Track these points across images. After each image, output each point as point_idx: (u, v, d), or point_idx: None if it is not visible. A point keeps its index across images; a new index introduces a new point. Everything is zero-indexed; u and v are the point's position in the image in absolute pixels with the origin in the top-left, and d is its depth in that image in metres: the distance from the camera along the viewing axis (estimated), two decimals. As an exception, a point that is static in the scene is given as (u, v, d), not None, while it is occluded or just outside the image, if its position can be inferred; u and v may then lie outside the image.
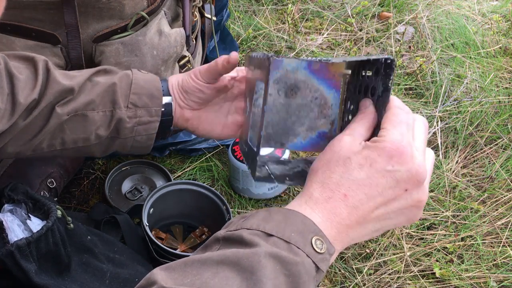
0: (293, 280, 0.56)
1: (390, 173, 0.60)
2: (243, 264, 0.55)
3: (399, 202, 0.61)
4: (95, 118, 0.83)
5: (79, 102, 0.82)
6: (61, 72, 0.85)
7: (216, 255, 0.56)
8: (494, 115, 1.49)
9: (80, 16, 0.98)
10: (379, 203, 0.61)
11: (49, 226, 0.81)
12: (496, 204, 1.28)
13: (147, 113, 0.85)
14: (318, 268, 0.58)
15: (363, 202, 0.61)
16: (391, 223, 0.63)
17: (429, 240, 1.21)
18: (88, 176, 1.30)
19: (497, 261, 1.17)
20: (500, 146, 1.42)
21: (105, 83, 0.84)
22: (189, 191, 1.17)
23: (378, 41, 1.73)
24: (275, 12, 1.83)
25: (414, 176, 0.60)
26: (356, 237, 0.62)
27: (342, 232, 0.61)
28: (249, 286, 0.54)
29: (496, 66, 1.63)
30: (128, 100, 0.84)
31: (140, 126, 0.85)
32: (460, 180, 1.34)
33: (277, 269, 0.55)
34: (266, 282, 0.54)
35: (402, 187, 0.61)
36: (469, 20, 1.80)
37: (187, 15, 1.16)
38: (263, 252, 0.56)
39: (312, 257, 0.57)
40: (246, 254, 0.56)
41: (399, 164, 0.60)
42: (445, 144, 1.43)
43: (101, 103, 0.83)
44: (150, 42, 1.05)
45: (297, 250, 0.57)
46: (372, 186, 0.60)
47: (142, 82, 0.85)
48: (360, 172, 0.61)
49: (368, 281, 1.14)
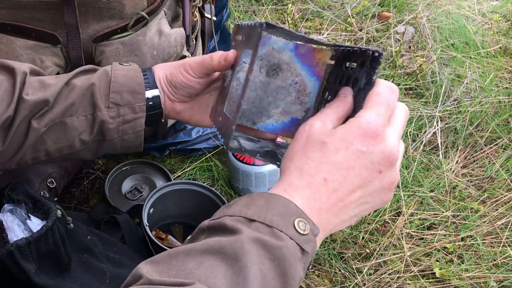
0: (279, 263, 0.55)
1: (365, 154, 0.61)
2: (227, 251, 0.55)
3: (374, 184, 0.62)
4: (75, 124, 0.80)
5: (55, 111, 0.79)
6: (37, 82, 0.81)
7: (200, 245, 0.56)
8: (494, 115, 1.49)
9: (80, 16, 0.98)
10: (357, 186, 0.62)
11: (49, 226, 0.81)
12: (496, 204, 1.28)
13: (131, 110, 0.81)
14: (303, 250, 0.58)
15: (342, 185, 0.61)
16: (368, 207, 0.64)
17: (429, 240, 1.21)
18: (88, 176, 1.30)
19: (497, 261, 1.17)
20: (500, 146, 1.42)
21: (82, 85, 0.80)
22: (189, 191, 1.17)
23: (378, 41, 1.73)
24: (275, 12, 1.83)
25: (387, 157, 0.62)
26: (337, 223, 0.62)
27: (323, 218, 0.61)
28: (234, 272, 0.53)
29: (496, 66, 1.63)
30: (108, 100, 0.80)
31: (125, 125, 0.81)
32: (460, 180, 1.34)
33: (261, 254, 0.55)
34: (251, 267, 0.54)
35: (376, 168, 0.62)
36: (469, 20, 1.80)
37: (187, 15, 1.16)
38: (246, 238, 0.56)
39: (296, 239, 0.57)
40: (229, 241, 0.55)
41: (373, 146, 0.61)
42: (445, 144, 1.43)
43: (80, 107, 0.80)
44: (150, 42, 1.05)
45: (280, 234, 0.57)
46: (349, 169, 0.61)
47: (122, 79, 0.81)
48: (337, 155, 0.61)
49: (368, 281, 1.14)
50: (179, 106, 0.83)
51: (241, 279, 0.53)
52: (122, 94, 0.80)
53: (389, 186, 0.63)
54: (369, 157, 0.61)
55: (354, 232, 1.22)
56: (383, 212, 1.26)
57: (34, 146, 0.80)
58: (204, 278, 0.52)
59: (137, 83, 0.81)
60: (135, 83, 0.81)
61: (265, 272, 0.55)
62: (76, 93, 0.80)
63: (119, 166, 1.29)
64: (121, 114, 0.81)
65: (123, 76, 0.81)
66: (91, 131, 0.81)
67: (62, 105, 0.79)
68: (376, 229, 1.23)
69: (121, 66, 0.83)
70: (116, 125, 0.81)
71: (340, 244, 1.20)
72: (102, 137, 0.82)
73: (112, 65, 0.83)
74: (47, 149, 0.81)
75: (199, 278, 0.52)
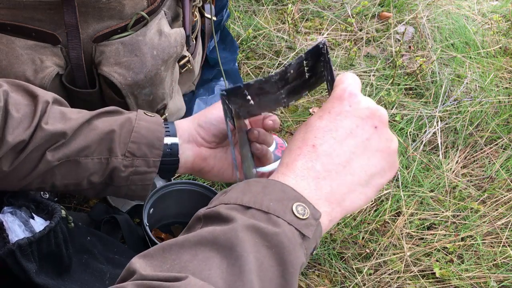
0: (276, 251, 0.54)
1: (351, 112, 0.60)
2: (221, 241, 0.53)
3: (374, 141, 0.60)
4: (89, 165, 0.80)
5: (71, 147, 0.79)
6: (59, 113, 0.81)
7: (193, 236, 0.55)
8: (494, 115, 1.49)
9: (80, 16, 0.98)
10: (354, 145, 0.60)
11: (51, 227, 0.81)
12: (496, 204, 1.28)
13: (145, 163, 0.81)
14: (303, 235, 0.56)
15: (335, 147, 0.59)
16: (377, 170, 0.61)
17: (429, 240, 1.21)
18: (88, 176, 1.30)
19: (497, 261, 1.17)
20: (500, 146, 1.42)
21: (103, 128, 0.80)
22: (189, 191, 1.17)
23: (378, 41, 1.73)
24: (275, 12, 1.83)
25: (375, 112, 0.61)
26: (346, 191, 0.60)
27: (323, 187, 0.59)
28: (229, 263, 0.52)
29: (496, 66, 1.63)
30: (126, 149, 0.80)
31: (136, 176, 0.81)
32: (460, 180, 1.34)
33: (257, 242, 0.54)
34: (247, 256, 0.52)
35: (369, 124, 0.60)
36: (469, 20, 1.80)
37: (187, 15, 1.16)
38: (240, 227, 0.54)
39: (294, 224, 0.55)
40: (223, 231, 0.54)
41: (356, 103, 0.60)
42: (445, 144, 1.43)
43: (97, 150, 0.79)
44: (150, 42, 1.05)
45: (277, 219, 0.55)
46: (338, 129, 0.60)
47: (144, 131, 0.81)
48: (321, 121, 0.60)
49: (368, 281, 1.14)
50: (206, 152, 0.83)
51: (236, 269, 0.51)
52: (140, 146, 0.80)
53: (390, 145, 0.61)
54: (356, 113, 0.60)
55: (354, 232, 1.22)
56: (383, 212, 1.26)
57: (43, 176, 0.80)
58: (198, 271, 0.51)
59: (157, 138, 0.81)
60: (155, 137, 0.81)
61: (262, 260, 0.53)
62: (96, 135, 0.79)
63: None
64: (135, 165, 0.80)
65: (145, 128, 0.81)
66: (102, 174, 0.80)
67: (79, 144, 0.79)
68: (376, 229, 1.23)
69: (145, 116, 0.83)
70: (127, 174, 0.80)
71: (340, 244, 1.20)
72: (110, 181, 0.81)
73: (137, 114, 0.83)
74: (54, 182, 0.81)
75: (193, 271, 0.51)
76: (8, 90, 0.79)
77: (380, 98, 1.54)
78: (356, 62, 1.66)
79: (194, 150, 0.83)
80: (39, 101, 0.80)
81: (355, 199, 0.60)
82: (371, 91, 1.56)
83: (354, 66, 1.65)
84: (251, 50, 1.69)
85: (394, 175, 0.64)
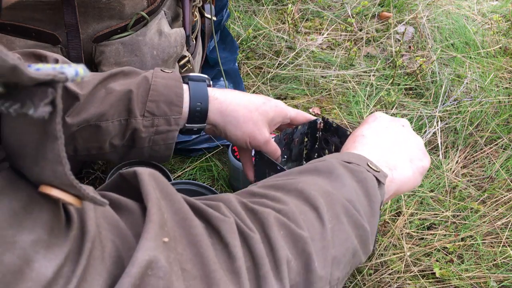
0: (363, 185, 0.63)
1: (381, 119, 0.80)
2: (321, 169, 0.64)
3: (404, 134, 0.78)
4: (109, 128, 0.78)
5: (90, 112, 0.77)
6: None
7: (296, 169, 0.65)
8: (494, 115, 1.49)
9: (80, 16, 0.98)
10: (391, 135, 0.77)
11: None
12: (496, 204, 1.28)
13: (165, 122, 0.79)
14: (379, 181, 0.66)
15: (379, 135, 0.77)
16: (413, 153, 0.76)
17: (429, 240, 1.21)
18: (88, 176, 1.30)
19: (497, 261, 1.17)
20: (500, 146, 1.42)
21: (120, 91, 0.78)
22: (189, 191, 1.17)
23: (378, 41, 1.73)
24: (275, 12, 1.83)
25: (400, 119, 0.82)
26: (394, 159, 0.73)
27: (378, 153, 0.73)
28: (331, 180, 0.62)
29: (496, 66, 1.63)
30: (144, 108, 0.78)
31: (157, 136, 0.80)
32: (460, 180, 1.34)
33: (349, 175, 0.64)
34: (344, 177, 0.62)
35: (398, 124, 0.80)
36: (469, 20, 1.80)
37: (187, 15, 1.16)
38: (335, 160, 0.65)
39: (372, 172, 0.66)
40: (321, 163, 0.65)
41: (384, 116, 0.82)
42: (445, 144, 1.43)
43: (116, 113, 0.78)
44: (150, 42, 1.05)
45: (358, 166, 0.66)
46: (376, 127, 0.78)
47: (162, 88, 0.79)
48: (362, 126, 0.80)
49: (368, 281, 1.14)
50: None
51: (339, 183, 0.62)
52: (159, 104, 0.78)
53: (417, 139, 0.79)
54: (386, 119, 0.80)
55: (354, 232, 1.22)
56: (383, 212, 1.26)
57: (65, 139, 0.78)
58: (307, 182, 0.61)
59: (175, 94, 0.79)
60: (174, 94, 0.79)
61: (355, 187, 0.63)
62: (114, 98, 0.78)
63: (119, 166, 1.29)
64: (155, 125, 0.79)
65: (162, 85, 0.79)
66: (123, 136, 0.79)
67: (98, 109, 0.77)
68: (376, 229, 1.23)
69: (162, 73, 0.81)
70: (148, 134, 0.79)
71: (340, 244, 1.20)
72: (132, 144, 0.80)
73: (154, 71, 0.81)
74: (76, 145, 0.80)
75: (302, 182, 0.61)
76: (20, 57, 0.79)
77: (380, 98, 1.54)
78: (356, 62, 1.66)
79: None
80: (48, 60, 0.79)
81: (404, 170, 0.74)
82: (371, 91, 1.56)
83: (354, 66, 1.65)
84: (251, 50, 1.69)
85: (429, 162, 0.79)
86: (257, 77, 1.59)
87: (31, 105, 0.34)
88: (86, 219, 0.43)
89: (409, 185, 0.74)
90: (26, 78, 0.33)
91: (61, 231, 0.41)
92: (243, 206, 0.55)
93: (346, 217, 0.59)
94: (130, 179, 0.52)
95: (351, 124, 1.46)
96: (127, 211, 0.48)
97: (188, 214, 0.49)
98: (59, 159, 0.38)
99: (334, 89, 1.56)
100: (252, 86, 1.56)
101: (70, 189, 0.40)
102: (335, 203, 0.59)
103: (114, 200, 0.49)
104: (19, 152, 0.41)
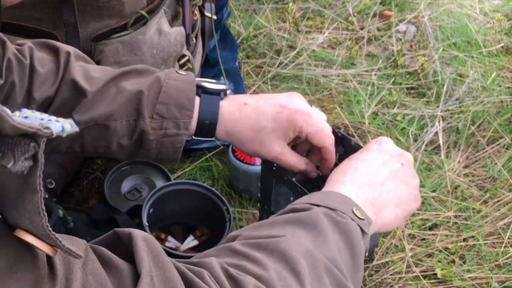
0: (347, 237, 0.63)
1: (383, 151, 0.76)
2: (305, 220, 0.63)
3: (401, 174, 0.74)
4: (117, 129, 0.77)
5: (99, 112, 0.76)
6: (81, 69, 0.77)
7: (280, 218, 0.65)
8: (496, 114, 1.48)
9: (79, 15, 0.98)
10: (386, 173, 0.73)
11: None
12: (498, 204, 1.28)
13: (175, 125, 0.77)
14: (363, 231, 0.65)
15: (372, 171, 0.73)
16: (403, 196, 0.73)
17: (431, 241, 1.21)
18: (88, 176, 1.29)
19: (499, 261, 1.16)
20: (502, 146, 1.42)
21: (131, 91, 0.77)
22: (189, 191, 1.17)
23: (380, 40, 1.72)
24: (276, 10, 1.82)
25: (402, 153, 0.77)
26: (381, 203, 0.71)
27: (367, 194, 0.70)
28: (315, 235, 0.61)
29: (498, 65, 1.62)
30: (154, 111, 0.76)
31: (165, 139, 0.78)
32: (462, 180, 1.33)
33: (332, 227, 0.63)
34: (328, 232, 0.61)
35: (398, 160, 0.75)
36: (471, 19, 1.80)
37: (187, 14, 1.16)
38: (319, 211, 0.64)
39: (356, 221, 0.65)
40: (305, 213, 0.64)
41: (388, 146, 0.77)
42: (447, 144, 1.42)
43: (125, 113, 0.77)
44: (149, 41, 1.05)
45: (343, 215, 0.64)
46: (374, 160, 0.74)
47: (173, 91, 0.77)
48: (361, 154, 0.76)
49: (370, 282, 1.13)
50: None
51: (322, 240, 0.61)
52: (169, 107, 0.77)
53: (413, 180, 0.75)
54: (388, 152, 0.75)
55: (355, 232, 1.22)
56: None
57: (72, 138, 0.77)
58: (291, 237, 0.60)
59: (187, 98, 0.77)
60: (185, 97, 0.77)
61: (337, 241, 0.62)
62: (123, 98, 0.76)
63: (118, 166, 1.28)
64: (164, 127, 0.77)
65: (175, 87, 0.77)
66: (131, 137, 0.78)
67: (106, 108, 0.76)
68: (377, 229, 1.22)
69: (176, 75, 0.79)
70: (156, 137, 0.78)
71: (341, 245, 1.20)
72: (140, 144, 0.79)
73: (167, 73, 0.79)
74: (83, 143, 0.79)
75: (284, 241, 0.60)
76: (33, 47, 0.78)
77: (382, 98, 1.53)
78: (357, 61, 1.65)
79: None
80: (60, 53, 0.78)
81: (389, 214, 0.71)
82: (373, 90, 1.55)
83: (355, 65, 1.64)
84: (251, 49, 1.68)
85: (418, 206, 0.77)
86: (258, 76, 1.58)
87: (11, 157, 0.34)
88: (72, 279, 0.43)
89: (389, 227, 0.73)
90: (9, 127, 0.33)
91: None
92: (225, 273, 0.55)
93: (328, 278, 0.58)
94: (124, 239, 0.53)
95: (353, 124, 1.45)
96: (116, 271, 0.49)
97: (177, 283, 0.51)
98: (37, 211, 0.38)
99: (335, 88, 1.56)
100: (252, 86, 1.55)
101: (47, 239, 0.40)
102: (317, 264, 0.59)
103: (105, 257, 0.50)
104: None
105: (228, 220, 1.11)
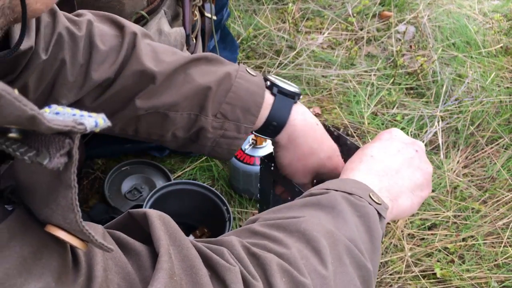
0: (365, 220, 0.62)
1: (396, 139, 0.75)
2: (324, 203, 0.62)
3: (416, 160, 0.73)
4: (177, 120, 0.74)
5: (163, 100, 0.73)
6: (150, 50, 0.73)
7: (299, 201, 0.64)
8: (495, 114, 1.48)
9: (80, 16, 0.98)
10: (401, 160, 0.72)
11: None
12: (497, 204, 1.28)
13: (235, 128, 0.75)
14: (380, 215, 0.64)
15: (388, 159, 0.72)
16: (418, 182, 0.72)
17: (430, 241, 1.21)
18: (88, 176, 1.29)
19: (498, 261, 1.17)
20: (501, 146, 1.42)
21: (199, 84, 0.73)
22: (189, 191, 1.17)
23: (379, 41, 1.73)
24: (276, 11, 1.83)
25: (415, 141, 0.76)
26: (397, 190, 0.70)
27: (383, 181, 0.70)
28: (334, 216, 0.61)
29: (497, 65, 1.63)
30: (218, 109, 0.74)
31: (223, 139, 0.76)
32: (461, 180, 1.33)
33: (350, 209, 0.62)
34: (347, 214, 0.61)
35: (412, 148, 0.74)
36: (470, 20, 1.80)
37: (187, 15, 1.16)
38: (337, 194, 0.63)
39: (374, 205, 0.64)
40: (323, 196, 0.63)
41: (400, 135, 0.76)
42: (446, 144, 1.42)
43: (188, 106, 0.74)
44: (150, 41, 1.05)
45: (360, 199, 0.64)
46: (388, 148, 0.73)
47: (243, 92, 0.74)
48: (375, 143, 0.74)
49: (369, 282, 1.14)
50: None
51: (341, 220, 0.60)
52: (234, 108, 0.74)
53: (428, 167, 0.74)
54: (401, 140, 0.75)
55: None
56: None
57: (128, 120, 0.75)
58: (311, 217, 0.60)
59: (254, 103, 0.74)
60: (253, 101, 0.75)
61: (356, 223, 0.61)
62: (190, 90, 0.74)
63: (118, 166, 1.28)
64: (224, 128, 0.75)
65: (244, 89, 0.75)
66: (188, 130, 0.76)
67: (172, 98, 0.73)
68: (377, 229, 1.22)
69: (247, 75, 0.76)
70: (214, 136, 0.76)
71: (340, 245, 1.20)
72: (195, 139, 0.77)
73: (239, 70, 0.76)
74: (138, 127, 0.77)
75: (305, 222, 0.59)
76: (93, 19, 0.74)
77: (381, 98, 1.53)
78: (356, 62, 1.65)
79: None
80: (125, 32, 0.74)
81: (404, 201, 0.70)
82: (372, 90, 1.55)
83: (355, 65, 1.64)
84: (251, 50, 1.68)
85: (430, 193, 0.77)
86: (258, 76, 1.59)
87: (46, 154, 0.34)
88: (93, 263, 0.43)
89: (404, 215, 0.73)
90: (44, 127, 0.33)
91: (69, 278, 0.41)
92: (246, 250, 0.54)
93: (348, 258, 0.58)
94: (139, 220, 0.52)
95: (352, 124, 1.46)
96: (134, 253, 0.48)
97: (195, 261, 0.50)
98: (71, 207, 0.38)
99: (334, 88, 1.56)
100: (252, 86, 1.55)
101: (79, 234, 0.40)
102: (338, 244, 0.58)
103: (122, 241, 0.49)
104: (28, 188, 0.41)
105: (228, 220, 1.11)
